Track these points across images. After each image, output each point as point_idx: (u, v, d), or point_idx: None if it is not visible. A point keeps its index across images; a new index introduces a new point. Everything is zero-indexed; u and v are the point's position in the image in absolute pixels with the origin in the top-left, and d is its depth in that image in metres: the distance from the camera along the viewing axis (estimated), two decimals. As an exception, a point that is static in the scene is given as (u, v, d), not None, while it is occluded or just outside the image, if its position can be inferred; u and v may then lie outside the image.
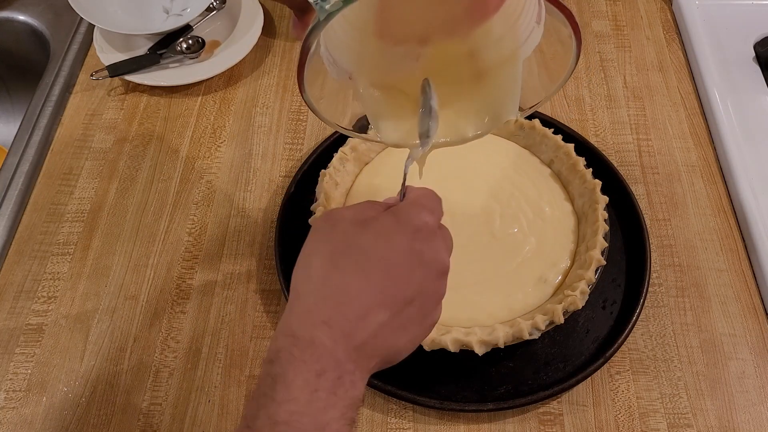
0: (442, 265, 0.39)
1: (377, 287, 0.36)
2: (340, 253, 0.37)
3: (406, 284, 0.37)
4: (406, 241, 0.37)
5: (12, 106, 1.02)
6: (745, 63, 0.82)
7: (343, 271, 0.36)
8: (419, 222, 0.38)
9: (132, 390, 0.59)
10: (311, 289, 0.37)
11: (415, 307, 0.37)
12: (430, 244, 0.38)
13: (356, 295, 0.36)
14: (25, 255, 0.67)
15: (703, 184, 0.72)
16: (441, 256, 0.39)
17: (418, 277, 0.37)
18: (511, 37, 0.47)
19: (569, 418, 0.57)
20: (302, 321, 0.35)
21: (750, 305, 0.64)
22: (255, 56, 0.83)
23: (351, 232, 0.38)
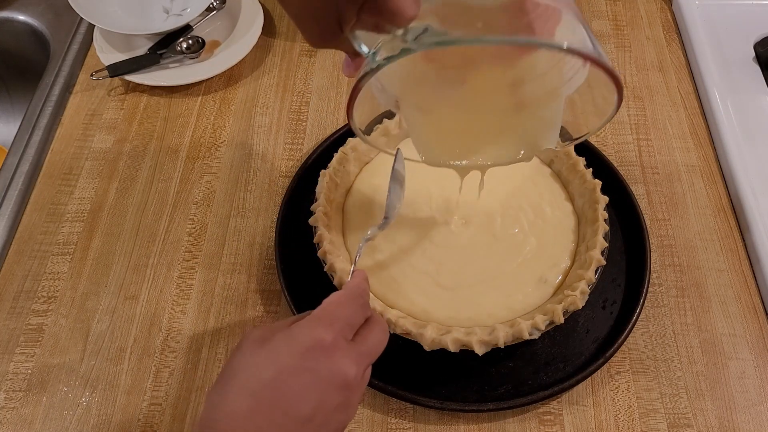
0: (342, 379, 0.37)
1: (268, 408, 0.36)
2: (233, 375, 0.38)
3: (299, 402, 0.36)
4: (295, 359, 0.37)
5: (12, 106, 1.02)
6: (745, 63, 0.82)
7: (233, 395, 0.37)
8: (310, 340, 0.37)
9: (132, 390, 0.59)
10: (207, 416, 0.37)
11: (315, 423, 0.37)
12: (326, 359, 0.37)
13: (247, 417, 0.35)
14: (25, 255, 0.67)
15: (703, 184, 0.72)
16: (341, 369, 0.38)
17: (313, 395, 0.37)
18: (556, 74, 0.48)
19: (569, 418, 0.57)
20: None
21: (750, 305, 0.64)
22: (255, 56, 0.83)
23: (247, 353, 0.38)
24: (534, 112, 0.50)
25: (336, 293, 0.43)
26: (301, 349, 0.37)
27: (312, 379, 0.37)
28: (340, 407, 0.38)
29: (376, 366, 0.57)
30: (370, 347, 0.41)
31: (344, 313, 0.40)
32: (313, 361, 0.37)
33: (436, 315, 0.58)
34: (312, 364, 0.37)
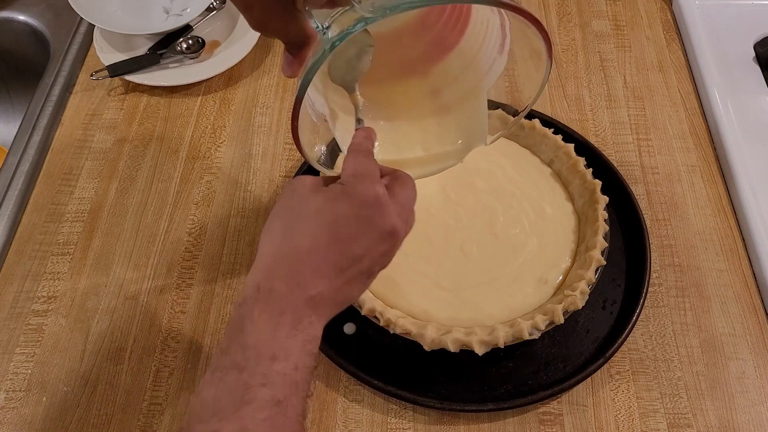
0: (390, 228, 0.42)
1: (326, 247, 0.40)
2: (294, 217, 0.42)
3: (352, 245, 0.41)
4: (353, 208, 0.41)
5: (12, 106, 1.02)
6: (745, 63, 0.82)
7: (296, 233, 0.41)
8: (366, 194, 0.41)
9: (132, 390, 0.59)
10: (272, 250, 0.42)
11: (363, 264, 0.42)
12: (378, 211, 0.41)
13: (307, 254, 0.40)
14: (25, 255, 0.67)
15: (703, 184, 0.72)
16: (391, 220, 0.42)
17: (365, 239, 0.41)
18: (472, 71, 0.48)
19: (569, 418, 0.57)
20: (264, 275, 0.41)
21: (750, 305, 0.64)
22: (255, 56, 0.83)
23: (306, 198, 0.43)
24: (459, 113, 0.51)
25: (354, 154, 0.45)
26: (360, 201, 0.41)
27: (367, 226, 0.41)
28: (384, 253, 0.43)
29: (376, 366, 0.57)
30: (406, 200, 0.44)
31: (374, 168, 0.44)
32: (368, 210, 0.41)
33: (436, 315, 0.58)
34: (368, 212, 0.41)
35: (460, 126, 0.52)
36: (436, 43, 0.47)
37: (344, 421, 0.57)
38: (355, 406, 0.58)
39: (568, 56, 0.85)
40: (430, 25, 0.46)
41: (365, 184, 0.42)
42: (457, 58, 0.47)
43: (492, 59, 0.48)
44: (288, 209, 0.43)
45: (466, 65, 0.48)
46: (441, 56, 0.48)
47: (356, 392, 0.59)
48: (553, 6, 0.90)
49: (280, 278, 0.40)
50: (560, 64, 0.84)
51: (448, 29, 0.46)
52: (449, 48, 0.47)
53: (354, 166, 0.43)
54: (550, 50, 0.44)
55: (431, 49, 0.47)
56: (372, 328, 0.58)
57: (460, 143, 0.54)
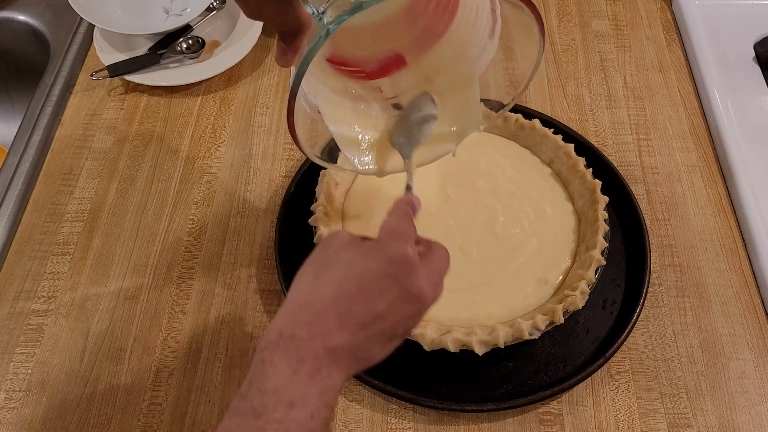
0: (418, 291, 0.41)
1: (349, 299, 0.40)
2: (324, 266, 0.43)
3: (376, 300, 0.41)
4: (382, 264, 0.41)
5: (12, 106, 1.02)
6: (745, 63, 0.82)
7: (322, 282, 0.42)
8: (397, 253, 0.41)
9: (132, 390, 0.59)
10: (298, 296, 0.42)
11: (385, 323, 0.41)
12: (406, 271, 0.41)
13: (330, 303, 0.40)
14: (25, 255, 0.67)
15: (703, 184, 0.72)
16: (419, 282, 0.41)
17: (389, 296, 0.41)
18: (463, 57, 0.48)
19: (569, 418, 0.57)
20: (288, 321, 0.40)
21: (750, 305, 0.64)
22: (255, 56, 0.83)
23: (338, 250, 0.43)
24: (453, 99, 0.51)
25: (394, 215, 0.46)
26: (389, 258, 0.41)
27: (393, 284, 0.41)
28: (408, 316, 0.42)
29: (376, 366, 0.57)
30: (438, 268, 0.44)
31: (411, 231, 0.44)
32: (396, 269, 0.41)
33: (436, 315, 0.58)
34: (394, 270, 0.41)
35: (453, 113, 0.52)
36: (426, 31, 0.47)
37: (344, 421, 0.57)
38: (355, 406, 0.58)
39: (568, 56, 0.85)
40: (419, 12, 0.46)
41: (398, 243, 0.42)
42: (447, 44, 0.47)
43: (483, 44, 0.48)
44: (320, 260, 0.44)
45: (457, 51, 0.48)
46: (431, 43, 0.47)
47: (356, 392, 0.59)
48: (553, 6, 0.90)
49: (302, 325, 0.40)
50: (560, 64, 0.84)
51: (437, 16, 0.46)
52: (439, 35, 0.47)
53: (391, 225, 0.44)
54: (542, 29, 0.44)
55: (421, 37, 0.47)
56: (372, 328, 0.58)
57: (455, 129, 0.54)
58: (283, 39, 0.42)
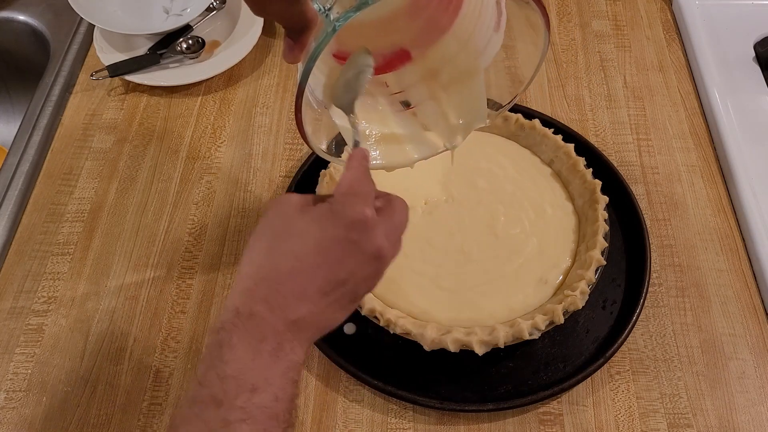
0: (377, 251, 0.40)
1: (309, 270, 0.39)
2: (277, 237, 0.41)
3: (337, 268, 0.40)
4: (339, 230, 0.40)
5: (12, 106, 1.02)
6: (745, 63, 0.82)
7: (279, 254, 0.40)
8: (354, 214, 0.40)
9: (132, 390, 0.59)
10: (252, 270, 0.40)
11: (347, 288, 0.40)
12: (367, 233, 0.40)
13: (289, 276, 0.39)
14: (25, 255, 0.67)
15: (703, 184, 0.72)
16: (378, 242, 0.40)
17: (350, 262, 0.40)
18: (468, 51, 0.48)
19: (569, 418, 0.57)
20: (244, 298, 0.39)
21: (750, 305, 0.64)
22: (255, 56, 0.83)
23: (291, 218, 0.41)
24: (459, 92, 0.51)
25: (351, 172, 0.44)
26: (346, 221, 0.40)
27: (353, 248, 0.40)
28: (369, 277, 0.41)
29: (376, 366, 0.57)
30: (397, 224, 0.43)
31: (368, 188, 0.43)
32: (355, 233, 0.40)
33: (436, 315, 0.58)
34: (354, 235, 0.40)
35: (459, 106, 0.52)
36: (431, 25, 0.47)
37: (344, 421, 0.57)
38: (355, 406, 0.58)
39: (568, 56, 0.85)
40: (423, 7, 0.46)
41: (355, 204, 0.40)
42: (452, 38, 0.47)
43: (488, 38, 0.48)
44: (271, 228, 0.42)
45: (462, 45, 0.48)
46: (436, 38, 0.47)
47: (356, 392, 0.59)
48: (553, 6, 0.90)
49: (261, 301, 0.38)
50: (560, 64, 0.84)
51: (442, 10, 0.46)
52: (444, 29, 0.47)
53: (348, 184, 0.42)
54: (548, 23, 0.44)
55: (426, 31, 0.47)
56: (372, 328, 0.58)
57: (461, 123, 0.54)
58: (289, 35, 0.42)
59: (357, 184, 0.42)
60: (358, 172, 0.43)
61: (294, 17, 0.41)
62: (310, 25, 0.41)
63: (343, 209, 0.40)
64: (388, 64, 0.48)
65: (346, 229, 0.40)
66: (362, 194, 0.41)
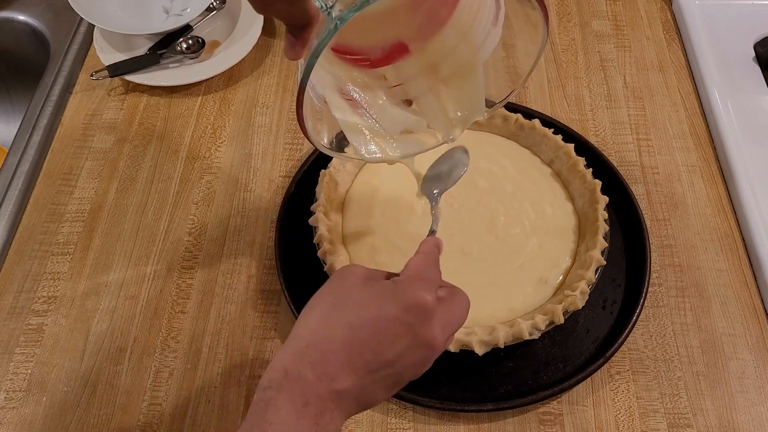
0: (430, 340, 0.41)
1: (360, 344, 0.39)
2: (336, 305, 0.41)
3: (388, 348, 0.40)
4: (398, 310, 0.40)
5: (12, 106, 1.02)
6: (745, 63, 0.82)
7: (334, 322, 0.40)
8: (415, 298, 0.40)
9: (132, 390, 0.59)
10: (306, 333, 0.40)
11: (393, 369, 0.40)
12: (423, 319, 0.40)
13: (340, 346, 0.39)
14: (25, 255, 0.67)
15: (703, 184, 0.72)
16: (432, 332, 0.40)
17: (401, 345, 0.40)
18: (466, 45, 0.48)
19: (569, 418, 0.57)
20: (293, 359, 0.39)
21: (750, 305, 0.64)
22: (255, 56, 0.83)
23: (353, 289, 0.42)
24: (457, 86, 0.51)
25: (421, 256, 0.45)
26: (406, 303, 0.40)
27: (406, 331, 0.40)
28: (417, 363, 0.41)
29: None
30: (456, 318, 0.43)
31: (435, 276, 0.43)
32: (413, 317, 0.40)
33: (436, 315, 0.58)
34: (411, 319, 0.40)
35: (458, 99, 0.53)
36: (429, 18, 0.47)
37: (344, 421, 0.57)
38: (355, 406, 0.58)
39: (568, 56, 0.85)
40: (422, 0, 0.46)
41: (418, 288, 0.40)
42: (451, 31, 0.47)
43: (487, 31, 0.48)
44: (332, 295, 0.42)
45: (460, 38, 0.48)
46: (435, 31, 0.48)
47: (356, 392, 0.58)
48: (553, 6, 0.90)
49: (309, 365, 0.38)
50: (560, 64, 0.84)
51: (441, 2, 0.46)
52: (442, 22, 0.47)
53: (416, 266, 0.43)
54: (547, 17, 0.44)
55: (425, 24, 0.47)
56: (372, 328, 0.58)
57: (460, 115, 0.54)
58: (291, 32, 0.42)
59: (424, 270, 0.43)
60: (428, 259, 0.44)
61: (296, 14, 0.40)
62: (311, 22, 0.41)
63: (406, 291, 0.40)
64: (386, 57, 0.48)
65: (405, 311, 0.40)
66: (427, 280, 0.42)
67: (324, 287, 0.43)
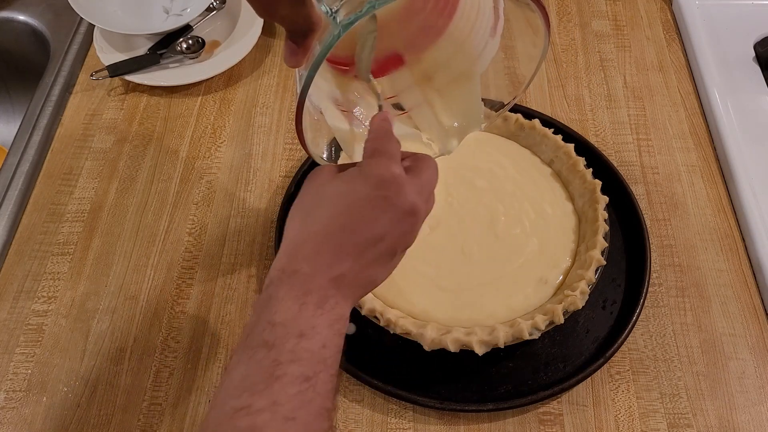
0: (410, 207, 0.42)
1: (344, 229, 0.41)
2: (312, 203, 0.43)
3: (372, 225, 0.41)
4: (369, 188, 0.41)
5: (12, 106, 1.02)
6: (745, 63, 0.82)
7: (314, 218, 0.42)
8: (384, 173, 0.41)
9: (132, 390, 0.59)
10: (294, 235, 0.43)
11: (385, 244, 0.42)
12: (398, 190, 0.41)
13: (326, 237, 0.41)
14: (25, 255, 0.67)
15: (703, 184, 0.72)
16: (410, 198, 0.42)
17: (384, 219, 0.41)
18: (463, 56, 0.48)
19: (569, 418, 0.57)
20: (288, 259, 0.41)
21: (750, 305, 0.64)
22: (255, 56, 0.83)
23: (323, 185, 0.44)
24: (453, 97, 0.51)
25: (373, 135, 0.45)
26: (375, 180, 0.41)
27: (386, 205, 0.41)
28: (405, 233, 0.43)
29: (376, 366, 0.57)
30: (427, 180, 0.44)
31: (393, 148, 0.44)
32: (387, 191, 0.41)
33: (436, 316, 0.58)
34: (386, 193, 0.41)
35: (454, 110, 0.53)
36: (424, 29, 0.47)
37: (344, 421, 0.57)
38: (355, 406, 0.58)
39: (568, 56, 0.85)
40: (417, 11, 0.46)
41: (382, 164, 0.42)
42: (447, 42, 0.47)
43: (484, 42, 0.48)
44: (308, 196, 0.44)
45: (456, 50, 0.48)
46: (430, 42, 0.48)
47: (356, 392, 0.59)
48: (553, 6, 0.90)
49: (303, 260, 0.40)
50: (560, 64, 0.84)
51: (436, 14, 0.46)
52: (438, 33, 0.47)
53: (373, 146, 0.44)
54: (548, 24, 0.45)
55: (419, 35, 0.47)
56: (372, 328, 0.58)
57: (456, 126, 0.54)
58: (293, 39, 0.42)
59: (381, 146, 0.44)
60: (380, 135, 0.45)
61: (299, 20, 0.40)
62: (314, 28, 0.41)
63: (371, 169, 0.42)
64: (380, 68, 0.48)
65: (376, 188, 0.41)
66: (387, 154, 0.43)
67: (300, 193, 0.45)
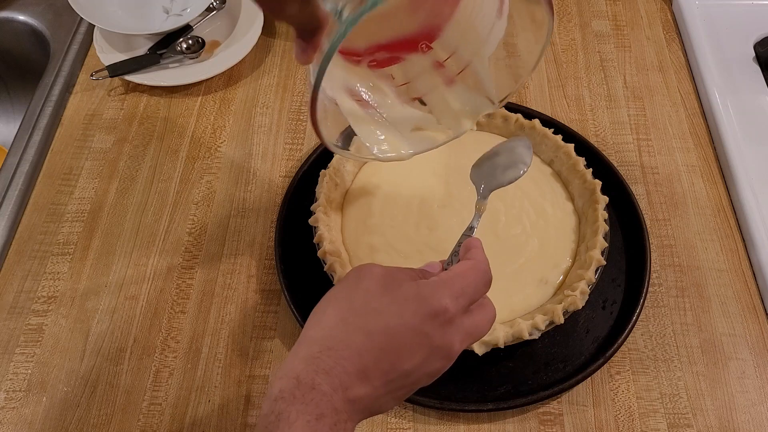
0: (447, 351, 0.40)
1: (378, 352, 0.38)
2: (353, 309, 0.39)
3: (406, 358, 0.38)
4: (417, 320, 0.38)
5: (12, 106, 1.02)
6: (745, 63, 0.82)
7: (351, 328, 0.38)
8: (437, 306, 0.39)
9: (132, 390, 0.59)
10: (319, 337, 0.39)
11: (409, 380, 0.39)
12: (442, 330, 0.39)
13: (356, 353, 0.37)
14: (25, 255, 0.67)
15: (703, 184, 0.72)
16: (451, 342, 0.39)
17: (419, 356, 0.39)
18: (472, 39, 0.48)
19: (569, 418, 0.57)
20: (306, 366, 0.37)
21: (750, 305, 0.64)
22: (255, 56, 0.83)
23: (371, 292, 0.40)
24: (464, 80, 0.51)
25: (467, 264, 0.43)
26: (426, 312, 0.39)
27: (424, 342, 0.39)
28: (432, 373, 0.40)
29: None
30: (476, 329, 0.42)
31: (471, 288, 0.41)
32: (431, 328, 0.39)
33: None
34: (429, 329, 0.39)
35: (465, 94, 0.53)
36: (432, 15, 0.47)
37: (344, 421, 0.57)
38: (355, 406, 0.58)
39: (568, 56, 0.85)
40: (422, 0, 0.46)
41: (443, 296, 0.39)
42: (455, 27, 0.48)
43: (491, 24, 0.48)
44: (348, 298, 0.40)
45: (465, 33, 0.48)
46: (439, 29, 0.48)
47: (356, 392, 0.58)
48: (553, 6, 0.90)
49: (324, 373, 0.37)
50: (560, 64, 0.84)
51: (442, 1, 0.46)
52: (446, 18, 0.47)
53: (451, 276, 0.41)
54: (551, 9, 0.44)
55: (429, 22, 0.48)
56: (372, 328, 0.58)
57: (468, 109, 0.54)
58: (301, 37, 0.42)
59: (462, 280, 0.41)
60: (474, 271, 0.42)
61: (306, 18, 0.40)
62: (322, 26, 0.41)
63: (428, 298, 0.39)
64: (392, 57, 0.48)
65: (422, 320, 0.38)
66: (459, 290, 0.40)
67: (339, 287, 0.42)
